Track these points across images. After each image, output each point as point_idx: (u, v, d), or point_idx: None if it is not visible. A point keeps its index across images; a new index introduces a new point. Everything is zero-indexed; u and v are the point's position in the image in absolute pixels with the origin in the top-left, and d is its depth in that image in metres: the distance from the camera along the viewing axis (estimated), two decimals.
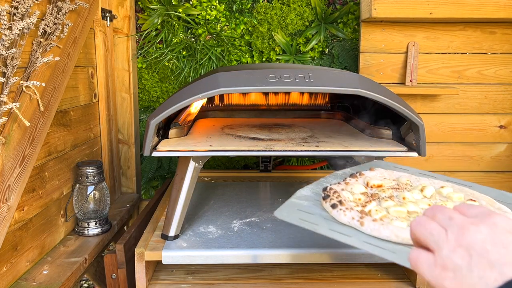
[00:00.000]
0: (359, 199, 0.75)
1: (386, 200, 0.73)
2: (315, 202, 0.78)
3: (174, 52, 1.88)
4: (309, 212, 0.74)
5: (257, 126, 1.46)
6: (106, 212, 1.48)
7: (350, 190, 0.79)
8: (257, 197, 1.51)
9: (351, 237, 0.66)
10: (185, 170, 1.14)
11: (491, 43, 1.75)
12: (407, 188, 0.80)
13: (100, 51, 1.64)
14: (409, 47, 1.74)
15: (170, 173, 2.03)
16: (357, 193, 0.77)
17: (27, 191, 1.17)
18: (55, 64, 1.24)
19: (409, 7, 1.58)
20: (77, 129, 1.49)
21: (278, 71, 1.06)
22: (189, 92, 1.04)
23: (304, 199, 0.79)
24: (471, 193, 0.78)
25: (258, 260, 1.12)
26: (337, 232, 0.67)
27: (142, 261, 1.11)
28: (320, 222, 0.70)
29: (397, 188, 0.79)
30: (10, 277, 1.11)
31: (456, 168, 1.86)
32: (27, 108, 1.11)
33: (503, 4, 1.57)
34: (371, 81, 1.11)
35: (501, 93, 1.79)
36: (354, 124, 1.48)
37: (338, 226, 0.69)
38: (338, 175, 0.91)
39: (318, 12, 1.85)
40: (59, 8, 1.23)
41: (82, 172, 1.40)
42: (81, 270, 1.27)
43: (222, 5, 1.86)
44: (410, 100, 1.78)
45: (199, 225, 1.27)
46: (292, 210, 0.75)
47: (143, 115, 1.97)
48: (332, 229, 0.68)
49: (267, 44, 1.89)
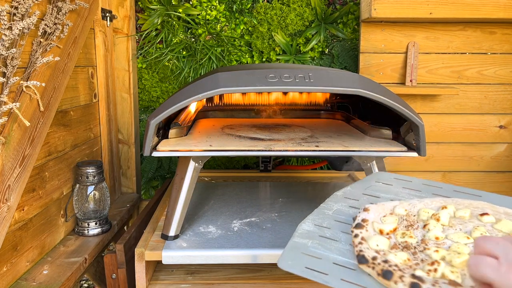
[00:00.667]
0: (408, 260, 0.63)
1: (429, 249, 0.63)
2: (319, 239, 0.71)
3: (174, 52, 1.88)
4: (315, 256, 0.67)
5: (257, 126, 1.46)
6: (106, 212, 1.48)
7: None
8: (257, 197, 1.52)
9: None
10: (185, 170, 1.14)
11: (491, 43, 1.75)
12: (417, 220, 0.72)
13: (100, 51, 1.64)
14: (409, 47, 1.74)
15: (170, 173, 2.03)
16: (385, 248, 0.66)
17: (27, 191, 1.17)
18: (55, 64, 1.24)
19: (409, 7, 1.58)
20: (77, 129, 1.49)
21: (278, 71, 1.06)
22: (189, 92, 1.04)
23: (307, 237, 0.73)
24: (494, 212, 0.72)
25: (258, 260, 1.12)
26: (351, 283, 0.61)
27: (142, 261, 1.11)
28: (329, 271, 0.64)
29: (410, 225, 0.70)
30: (10, 277, 1.11)
31: (456, 168, 1.86)
32: (27, 108, 1.11)
33: (503, 4, 1.57)
34: (371, 81, 1.11)
35: (501, 93, 1.79)
36: (354, 124, 1.48)
37: (350, 274, 0.63)
38: (339, 197, 0.86)
39: (318, 12, 1.86)
40: (59, 8, 1.23)
41: (82, 172, 1.40)
42: (81, 270, 1.27)
43: (222, 5, 1.87)
44: (410, 100, 1.78)
45: (199, 225, 1.27)
46: (296, 255, 0.68)
47: (143, 115, 1.97)
48: (343, 279, 0.61)
49: (267, 44, 1.89)
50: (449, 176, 1.86)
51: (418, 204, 0.77)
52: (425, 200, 0.78)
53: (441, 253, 0.61)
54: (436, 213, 0.71)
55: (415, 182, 0.90)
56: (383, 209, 0.75)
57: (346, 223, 0.78)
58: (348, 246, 0.70)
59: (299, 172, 1.88)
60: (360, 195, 0.87)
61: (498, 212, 0.72)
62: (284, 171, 1.92)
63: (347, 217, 0.80)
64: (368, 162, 1.17)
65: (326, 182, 1.73)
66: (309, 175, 1.82)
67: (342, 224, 0.78)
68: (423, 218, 0.72)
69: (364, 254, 0.63)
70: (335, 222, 0.78)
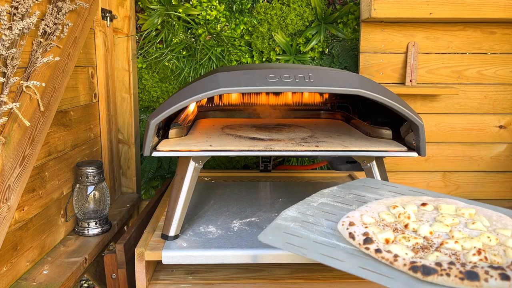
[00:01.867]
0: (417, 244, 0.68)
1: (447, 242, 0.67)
2: (302, 223, 0.74)
3: (174, 52, 1.88)
4: (296, 235, 0.70)
5: (257, 126, 1.46)
6: (106, 212, 1.48)
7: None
8: (257, 197, 1.52)
9: (344, 262, 0.62)
10: (185, 170, 1.14)
11: (491, 43, 1.75)
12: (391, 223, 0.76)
13: (100, 51, 1.64)
14: (409, 47, 1.74)
15: (170, 173, 2.03)
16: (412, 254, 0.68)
17: (27, 191, 1.17)
18: (55, 64, 1.24)
19: (409, 7, 1.58)
20: (77, 129, 1.49)
21: (278, 71, 1.06)
22: (189, 92, 1.04)
23: (289, 220, 0.76)
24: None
25: (258, 260, 1.12)
26: (328, 256, 0.63)
27: (142, 261, 1.11)
28: (308, 246, 0.66)
29: (395, 229, 0.74)
30: (10, 277, 1.11)
31: (456, 168, 1.86)
32: (27, 108, 1.11)
33: (503, 4, 1.57)
34: (371, 81, 1.11)
35: (501, 93, 1.79)
36: (354, 124, 1.48)
37: (328, 250, 0.65)
38: (325, 193, 0.89)
39: (318, 12, 1.86)
40: (59, 8, 1.23)
41: (82, 172, 1.40)
42: (81, 270, 1.27)
43: (222, 5, 1.87)
44: (410, 100, 1.78)
45: (199, 225, 1.27)
46: (278, 233, 0.71)
47: (143, 115, 1.97)
48: (322, 253, 0.64)
49: (267, 44, 1.89)
50: (449, 176, 1.87)
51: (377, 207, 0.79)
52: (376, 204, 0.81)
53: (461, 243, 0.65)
54: (404, 212, 0.76)
55: (400, 189, 0.93)
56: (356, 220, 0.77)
57: (330, 213, 0.80)
58: (330, 230, 0.73)
59: (299, 172, 1.88)
60: (346, 193, 0.89)
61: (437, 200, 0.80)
62: (284, 171, 1.92)
63: (332, 209, 0.81)
64: (368, 162, 1.17)
65: (326, 182, 1.73)
66: (309, 175, 1.82)
67: (326, 214, 0.79)
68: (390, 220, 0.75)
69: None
70: (319, 211, 0.81)
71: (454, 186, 1.87)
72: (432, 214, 0.77)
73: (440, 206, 0.79)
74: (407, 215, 0.74)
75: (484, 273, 0.55)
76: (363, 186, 0.94)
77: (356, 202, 0.85)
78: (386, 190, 0.92)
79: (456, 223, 0.73)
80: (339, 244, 0.68)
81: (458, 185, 1.87)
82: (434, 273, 0.56)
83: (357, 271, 0.59)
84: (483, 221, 0.73)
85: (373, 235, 0.67)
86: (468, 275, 0.54)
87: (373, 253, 0.62)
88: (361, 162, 1.18)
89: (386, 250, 0.63)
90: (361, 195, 0.89)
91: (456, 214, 0.77)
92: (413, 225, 0.72)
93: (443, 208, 0.78)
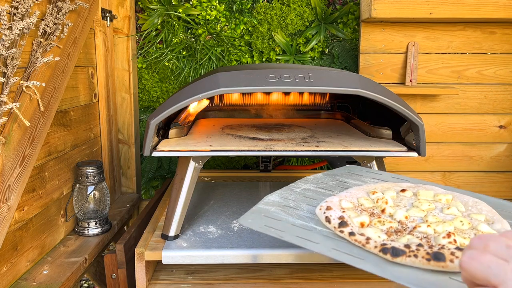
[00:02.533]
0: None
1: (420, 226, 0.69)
2: (283, 207, 0.75)
3: (174, 52, 1.88)
4: (275, 218, 0.71)
5: (257, 126, 1.46)
6: (106, 212, 1.48)
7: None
8: (257, 197, 1.51)
9: (318, 244, 0.63)
10: (185, 170, 1.14)
11: (491, 43, 1.75)
12: (370, 207, 0.77)
13: (100, 51, 1.64)
14: (409, 47, 1.74)
15: (170, 173, 2.03)
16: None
17: (27, 191, 1.17)
18: (55, 64, 1.24)
19: (409, 7, 1.58)
20: (77, 129, 1.49)
21: (278, 71, 1.06)
22: (189, 92, 1.04)
23: (271, 204, 0.77)
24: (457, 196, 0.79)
25: (258, 260, 1.12)
26: (304, 238, 0.65)
27: (142, 261, 1.11)
28: (286, 229, 0.68)
29: (372, 214, 0.75)
30: (10, 277, 1.11)
31: (456, 168, 1.86)
32: (27, 108, 1.11)
33: (503, 4, 1.57)
34: (371, 81, 1.11)
35: (501, 93, 1.79)
36: (354, 124, 1.48)
37: (305, 233, 0.66)
38: (309, 179, 0.90)
39: (318, 12, 1.86)
40: (59, 8, 1.23)
41: (82, 172, 1.40)
42: (81, 270, 1.27)
43: (222, 5, 1.87)
44: (410, 100, 1.78)
45: (199, 225, 1.27)
46: (258, 216, 0.72)
47: (143, 115, 1.97)
48: (298, 236, 0.65)
49: (267, 44, 1.89)
50: (449, 176, 1.87)
51: (357, 192, 0.81)
52: (356, 190, 0.82)
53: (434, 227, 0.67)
54: (382, 197, 0.77)
55: (384, 175, 0.95)
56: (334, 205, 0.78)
57: (312, 199, 0.81)
58: (309, 214, 0.75)
59: (299, 172, 1.88)
60: (329, 180, 0.91)
61: (417, 186, 0.82)
62: (284, 171, 1.92)
63: (314, 194, 0.83)
64: (368, 162, 1.17)
65: None
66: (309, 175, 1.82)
67: (307, 199, 0.81)
68: (369, 205, 0.76)
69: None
70: (301, 197, 0.82)
71: (454, 186, 1.87)
72: (410, 200, 0.78)
73: (419, 192, 0.80)
74: (385, 200, 0.76)
75: (450, 254, 0.56)
76: (347, 173, 0.95)
77: (339, 188, 0.87)
78: (370, 177, 0.93)
79: (432, 208, 0.75)
80: (316, 227, 0.69)
81: (458, 185, 1.87)
82: (403, 255, 0.58)
83: (330, 252, 0.61)
84: (459, 207, 0.75)
85: (348, 219, 0.68)
86: (434, 256, 0.56)
87: (347, 236, 0.64)
88: (361, 162, 1.18)
89: (359, 233, 0.64)
90: (344, 181, 0.90)
91: (434, 199, 0.79)
92: (390, 210, 0.73)
93: (421, 194, 0.80)
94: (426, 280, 0.55)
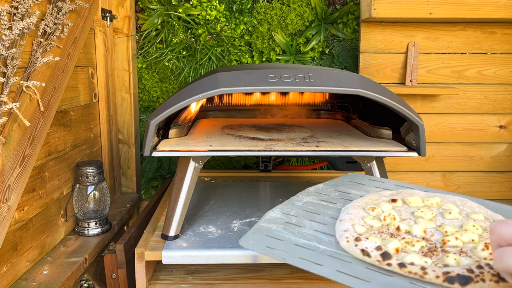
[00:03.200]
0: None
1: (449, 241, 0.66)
2: (284, 225, 0.73)
3: (174, 52, 1.88)
4: (277, 238, 0.69)
5: (257, 126, 1.46)
6: (106, 212, 1.48)
7: None
8: (257, 197, 1.51)
9: (322, 266, 0.61)
10: (185, 170, 1.14)
11: (491, 43, 1.75)
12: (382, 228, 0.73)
13: (100, 51, 1.64)
14: (409, 47, 1.74)
15: (170, 173, 2.03)
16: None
17: (27, 191, 1.17)
18: (55, 64, 1.24)
19: (409, 7, 1.58)
20: (77, 129, 1.49)
21: (278, 71, 1.06)
22: (189, 92, 1.04)
23: (272, 222, 0.75)
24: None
25: (258, 260, 1.12)
26: (308, 261, 0.62)
27: (142, 261, 1.11)
28: (289, 250, 0.65)
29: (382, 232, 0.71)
30: (10, 277, 1.11)
31: (456, 168, 1.86)
32: (27, 108, 1.11)
33: (503, 4, 1.57)
34: (371, 81, 1.11)
35: (501, 93, 1.79)
36: (354, 124, 1.48)
37: (308, 253, 0.64)
38: (311, 191, 0.88)
39: (318, 12, 1.86)
40: (59, 8, 1.23)
41: (82, 172, 1.40)
42: (81, 270, 1.27)
43: (222, 5, 1.87)
44: (410, 100, 1.78)
45: (199, 225, 1.27)
46: (259, 236, 0.69)
47: (143, 115, 1.97)
48: (302, 258, 0.63)
49: (267, 44, 1.89)
50: (449, 176, 1.87)
51: (357, 212, 0.76)
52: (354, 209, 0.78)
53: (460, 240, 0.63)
54: (388, 214, 0.72)
55: (387, 184, 0.91)
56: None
57: (314, 213, 0.79)
58: (312, 231, 0.72)
59: (299, 172, 1.88)
60: (331, 191, 0.88)
61: (399, 192, 0.81)
62: (284, 171, 1.92)
63: (316, 208, 0.81)
64: (368, 162, 1.17)
65: None
66: (309, 175, 1.82)
67: (309, 214, 0.79)
68: (378, 225, 0.71)
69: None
70: (303, 211, 0.80)
71: (454, 186, 1.87)
72: (407, 209, 0.75)
73: (407, 199, 0.78)
74: (392, 216, 0.72)
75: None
76: (349, 182, 0.93)
77: (341, 200, 0.84)
78: (373, 186, 0.90)
79: (434, 215, 0.73)
80: (319, 247, 0.66)
81: (458, 185, 1.87)
82: (471, 282, 0.53)
83: (335, 276, 0.59)
84: (453, 209, 0.73)
85: (384, 247, 0.63)
86: (500, 277, 0.52)
87: (397, 268, 0.58)
88: (361, 162, 1.18)
89: (408, 263, 0.59)
90: (346, 192, 0.88)
91: (425, 204, 0.77)
92: (404, 227, 0.69)
93: (411, 201, 0.77)
94: None
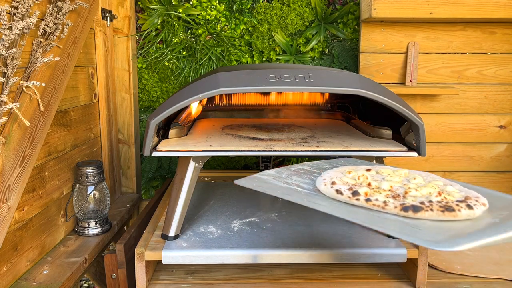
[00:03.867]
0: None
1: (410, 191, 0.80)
2: (275, 177, 0.87)
3: (174, 52, 1.88)
4: (266, 182, 0.85)
5: (257, 126, 1.46)
6: (106, 212, 1.48)
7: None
8: (257, 197, 1.52)
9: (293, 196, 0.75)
10: (185, 170, 1.14)
11: (491, 43, 1.75)
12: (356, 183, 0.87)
13: (100, 51, 1.64)
14: (409, 47, 1.74)
15: (170, 173, 2.03)
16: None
17: (27, 191, 1.17)
18: (55, 64, 1.24)
19: (409, 7, 1.58)
20: (77, 129, 1.49)
21: (278, 71, 1.06)
22: (189, 92, 1.04)
23: (266, 175, 0.89)
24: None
25: (258, 260, 1.12)
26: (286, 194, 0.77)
27: (142, 261, 1.11)
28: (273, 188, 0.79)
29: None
30: (10, 277, 1.11)
31: (456, 168, 1.86)
32: (27, 108, 1.11)
33: (503, 4, 1.57)
34: (371, 81, 1.11)
35: (501, 93, 1.79)
36: (354, 124, 1.48)
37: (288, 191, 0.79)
38: (306, 164, 1.00)
39: (318, 12, 1.86)
40: (59, 8, 1.23)
41: (82, 172, 1.40)
42: (81, 270, 1.27)
43: (222, 5, 1.87)
44: (410, 100, 1.78)
45: (199, 225, 1.27)
46: (252, 180, 0.85)
47: (143, 115, 1.97)
48: (283, 193, 0.77)
49: (267, 44, 1.89)
50: (449, 176, 1.86)
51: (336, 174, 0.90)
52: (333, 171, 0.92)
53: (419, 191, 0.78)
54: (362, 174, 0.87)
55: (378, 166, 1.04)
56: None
57: (303, 173, 0.93)
58: (296, 182, 0.86)
59: None
60: (324, 164, 1.01)
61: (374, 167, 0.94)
62: None
63: (305, 172, 0.94)
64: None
65: None
66: None
67: (298, 173, 0.93)
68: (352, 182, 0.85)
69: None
70: (294, 171, 0.94)
71: None
72: (379, 176, 0.88)
73: (381, 170, 0.91)
74: (365, 176, 0.86)
75: (456, 206, 0.70)
76: (343, 161, 1.06)
77: (330, 170, 0.96)
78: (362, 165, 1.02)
79: (402, 180, 0.86)
80: (298, 190, 0.82)
81: None
82: (421, 210, 0.69)
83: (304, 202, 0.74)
84: (418, 177, 0.87)
85: (355, 188, 0.79)
86: (446, 208, 0.69)
87: (364, 202, 0.74)
88: None
89: (374, 199, 0.74)
90: (336, 166, 0.99)
91: (395, 174, 0.89)
92: (375, 183, 0.82)
93: (383, 171, 0.90)
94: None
